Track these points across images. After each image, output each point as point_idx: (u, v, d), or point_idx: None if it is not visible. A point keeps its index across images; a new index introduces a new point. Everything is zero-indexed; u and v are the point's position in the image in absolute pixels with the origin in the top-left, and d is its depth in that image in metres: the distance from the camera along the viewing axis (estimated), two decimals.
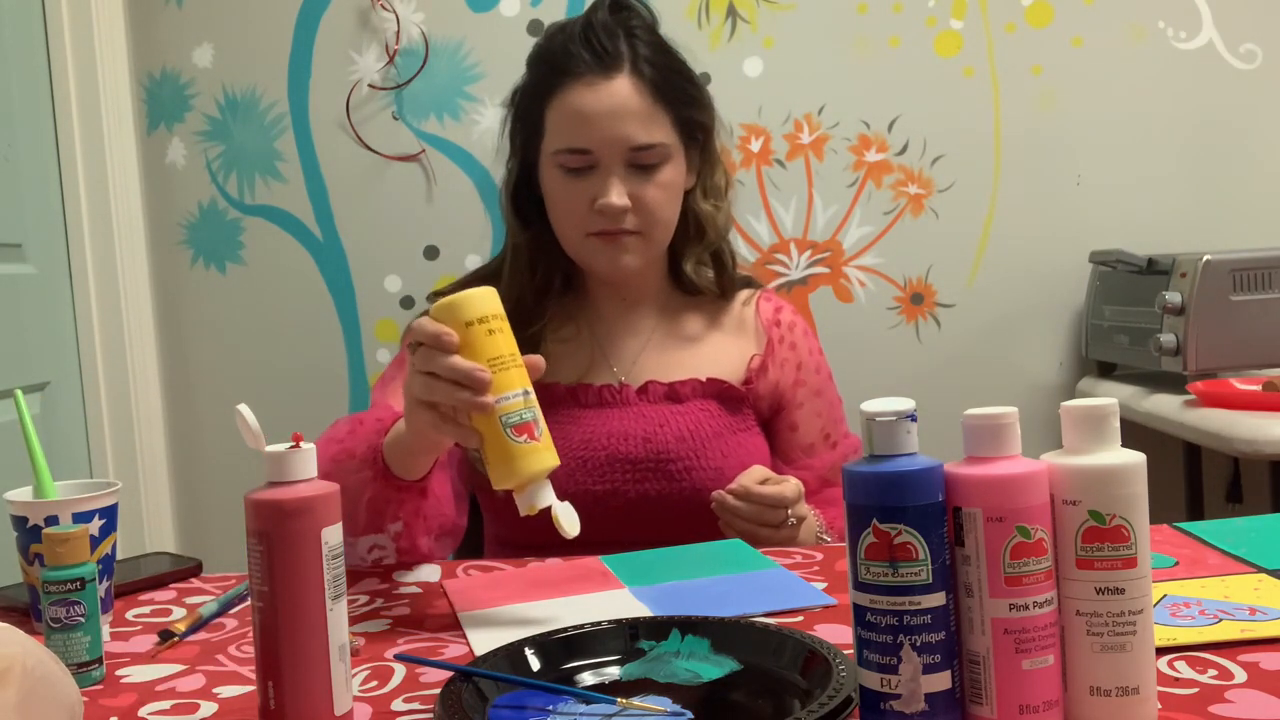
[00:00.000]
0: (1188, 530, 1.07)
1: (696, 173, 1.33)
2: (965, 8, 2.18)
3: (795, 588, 0.97)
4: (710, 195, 1.34)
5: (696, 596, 0.96)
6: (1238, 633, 0.78)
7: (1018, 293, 2.22)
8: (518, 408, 0.90)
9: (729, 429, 1.29)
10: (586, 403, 1.28)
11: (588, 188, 1.24)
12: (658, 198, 1.25)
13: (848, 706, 0.65)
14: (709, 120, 1.32)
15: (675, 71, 1.28)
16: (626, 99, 1.22)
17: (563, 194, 1.26)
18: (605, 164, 1.23)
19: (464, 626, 0.91)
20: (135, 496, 2.15)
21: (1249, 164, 2.22)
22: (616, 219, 1.24)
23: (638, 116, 1.23)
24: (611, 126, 1.22)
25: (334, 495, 0.71)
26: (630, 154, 1.23)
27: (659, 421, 1.27)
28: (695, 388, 1.30)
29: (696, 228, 1.34)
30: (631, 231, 1.25)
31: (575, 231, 1.27)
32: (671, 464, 1.24)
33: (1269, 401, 1.66)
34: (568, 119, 1.24)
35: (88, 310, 2.11)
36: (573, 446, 1.24)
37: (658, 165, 1.25)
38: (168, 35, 2.22)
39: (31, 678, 0.60)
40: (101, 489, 0.94)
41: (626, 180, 1.24)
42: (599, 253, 1.27)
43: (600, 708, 0.71)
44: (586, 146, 1.23)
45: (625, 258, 1.26)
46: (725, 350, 1.36)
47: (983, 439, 0.64)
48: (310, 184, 2.22)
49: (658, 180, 1.25)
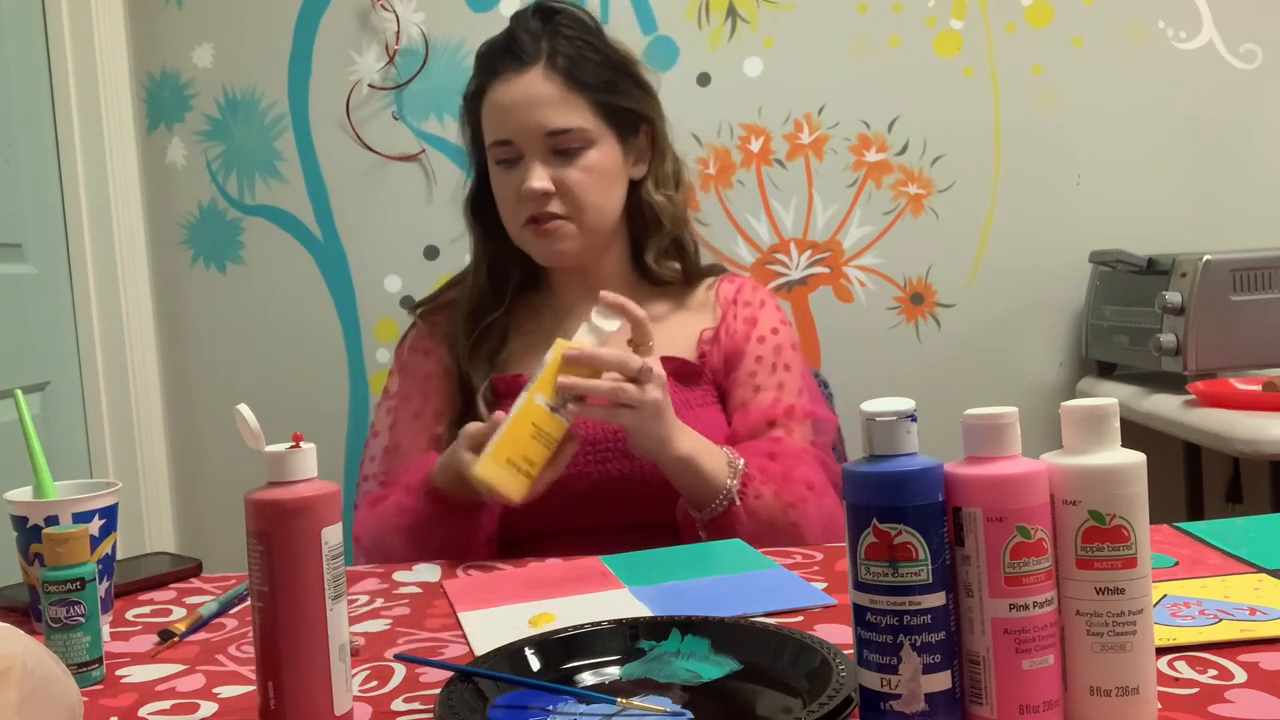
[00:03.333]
0: (1188, 530, 1.07)
1: (647, 164, 1.38)
2: (965, 8, 2.18)
3: (795, 588, 0.97)
4: (662, 185, 1.39)
5: (696, 597, 0.96)
6: (1238, 633, 0.78)
7: (1018, 293, 2.22)
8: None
9: (685, 404, 1.31)
10: None
11: (516, 178, 1.31)
12: (581, 181, 1.30)
13: (848, 706, 0.65)
14: (648, 110, 1.37)
15: (596, 62, 1.33)
16: (538, 88, 1.29)
17: (499, 187, 1.34)
18: (527, 152, 1.30)
19: (464, 627, 0.91)
20: (135, 496, 2.15)
21: (1249, 164, 2.21)
22: (539, 203, 1.29)
23: (550, 103, 1.29)
24: (526, 115, 1.29)
25: (334, 495, 0.71)
26: (548, 140, 1.29)
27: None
28: None
29: (653, 218, 1.38)
30: (561, 217, 1.31)
31: (514, 223, 1.34)
32: (629, 442, 1.25)
33: (1269, 401, 1.66)
34: (492, 115, 1.33)
35: (88, 310, 2.11)
36: None
37: (579, 150, 1.30)
38: (168, 35, 2.22)
39: (32, 678, 0.60)
40: (101, 489, 0.94)
41: (549, 166, 1.30)
42: (534, 242, 1.33)
43: (600, 708, 0.71)
44: (507, 137, 1.31)
45: (558, 245, 1.32)
46: (683, 329, 1.39)
47: (983, 439, 0.64)
48: (310, 184, 2.22)
49: (580, 164, 1.30)
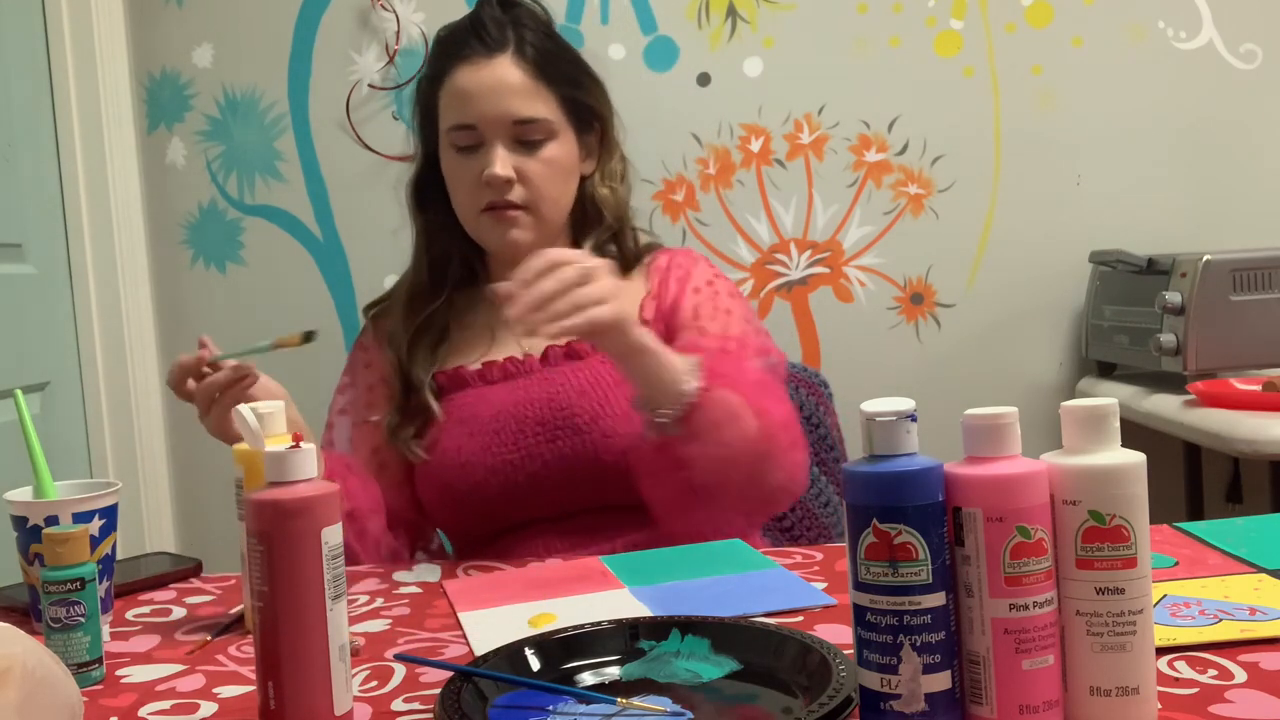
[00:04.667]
0: (1188, 530, 1.07)
1: (596, 160, 1.38)
2: (965, 8, 2.18)
3: (795, 588, 0.97)
4: (607, 179, 1.39)
5: (696, 597, 0.96)
6: (1238, 633, 0.78)
7: (1018, 293, 2.22)
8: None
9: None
10: (493, 379, 1.31)
11: (476, 163, 1.29)
12: (542, 173, 1.30)
13: (848, 706, 0.65)
14: (602, 108, 1.37)
15: (560, 57, 1.33)
16: (508, 75, 1.28)
17: (455, 172, 1.32)
18: (490, 138, 1.28)
19: (464, 626, 0.91)
20: (135, 496, 2.15)
21: (1249, 164, 2.21)
22: (501, 190, 1.28)
23: (519, 92, 1.28)
24: (494, 102, 1.28)
25: (334, 495, 0.71)
26: (513, 128, 1.28)
27: (560, 382, 1.29)
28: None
29: (594, 211, 1.38)
30: (519, 206, 1.29)
31: (470, 209, 1.32)
32: (577, 417, 1.26)
33: (1269, 401, 1.66)
34: (455, 98, 1.30)
35: (88, 310, 2.11)
36: (484, 422, 1.27)
37: (542, 141, 1.30)
38: (168, 35, 2.22)
39: (32, 678, 0.60)
40: (101, 489, 0.94)
41: (511, 153, 1.28)
42: (491, 229, 1.31)
43: (600, 708, 0.71)
44: (471, 122, 1.28)
45: (514, 232, 1.30)
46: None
47: (983, 439, 0.64)
48: (310, 184, 2.22)
49: (542, 156, 1.30)
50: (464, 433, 1.27)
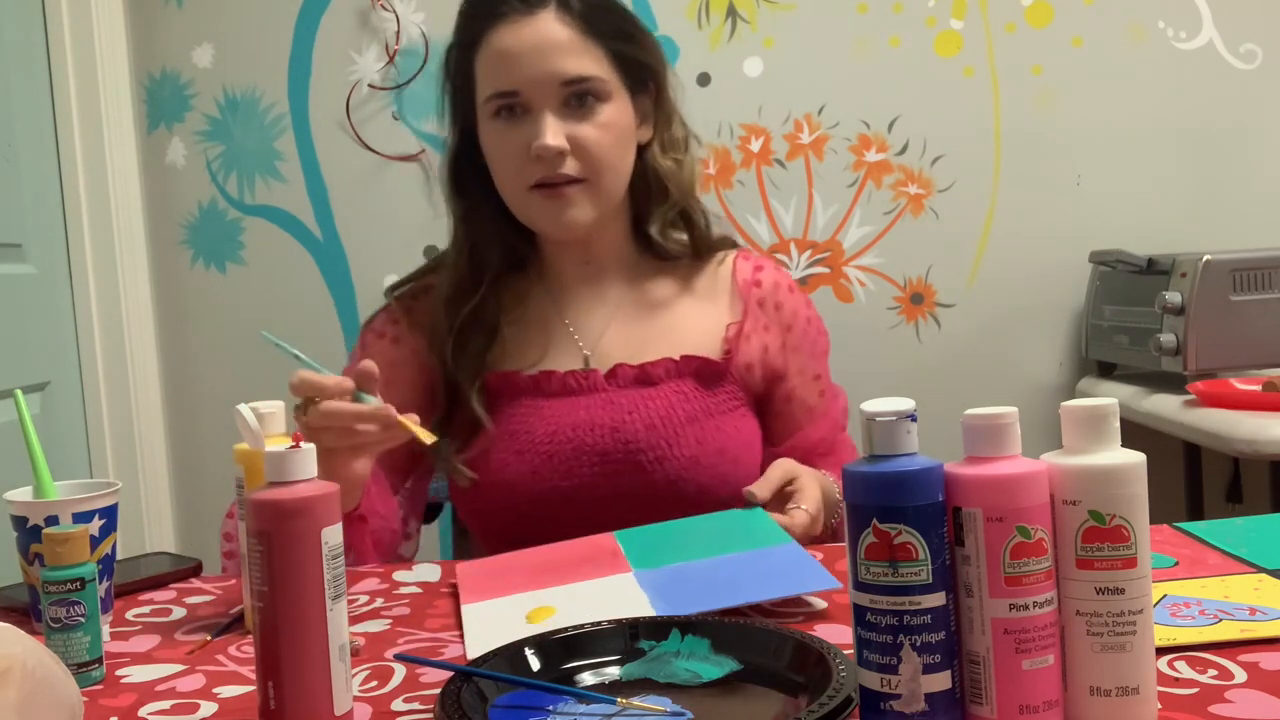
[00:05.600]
0: (1188, 530, 1.07)
1: (653, 125, 1.25)
2: (965, 8, 2.18)
3: (801, 570, 0.93)
4: (669, 149, 1.25)
5: (701, 581, 0.92)
6: (1238, 633, 0.77)
7: (1018, 293, 2.22)
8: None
9: (705, 412, 1.20)
10: (551, 391, 1.20)
11: (522, 135, 1.15)
12: (598, 138, 1.16)
13: (848, 706, 0.65)
14: (657, 65, 1.24)
15: (609, 7, 1.20)
16: (552, 32, 1.15)
17: (499, 146, 1.18)
18: (537, 105, 1.15)
19: (464, 620, 0.91)
20: (135, 496, 2.15)
21: (1249, 164, 2.22)
22: (553, 164, 1.15)
23: (566, 49, 1.15)
24: (538, 63, 1.14)
25: (334, 495, 0.71)
26: (562, 90, 1.15)
27: (628, 408, 1.19)
28: (669, 368, 1.22)
29: (659, 186, 1.25)
30: (575, 179, 1.16)
31: (517, 187, 1.18)
32: (641, 454, 1.17)
33: (1269, 401, 1.66)
34: (494, 62, 1.17)
35: (88, 310, 2.11)
36: (537, 441, 1.17)
37: (595, 103, 1.16)
38: (168, 35, 2.22)
39: (32, 678, 0.60)
40: (101, 489, 0.94)
41: (562, 120, 1.15)
42: (543, 209, 1.18)
43: (600, 708, 0.71)
44: (514, 87, 1.15)
45: (571, 211, 1.17)
46: (699, 320, 1.26)
47: (983, 439, 0.64)
48: (310, 184, 2.22)
49: (597, 120, 1.16)
50: (513, 449, 1.17)
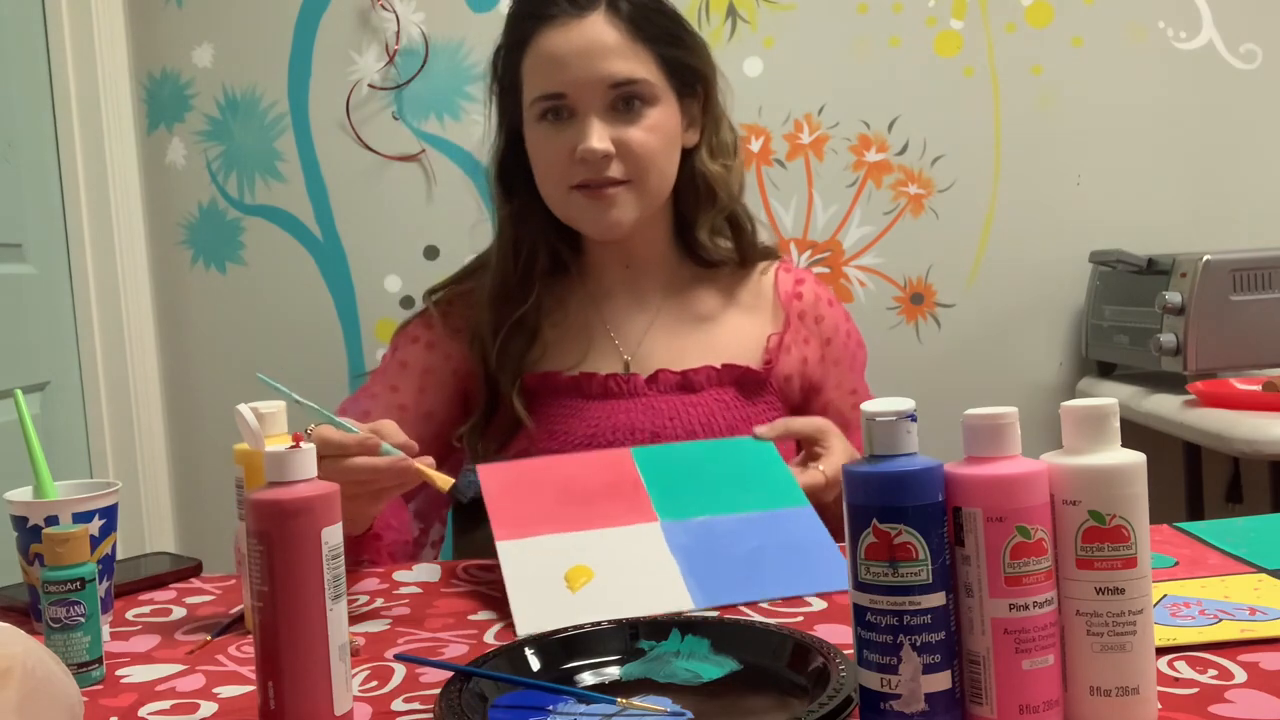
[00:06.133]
0: (1188, 530, 1.07)
1: (700, 129, 1.25)
2: (965, 8, 2.18)
3: (829, 563, 0.96)
4: (719, 154, 1.25)
5: (726, 560, 0.96)
6: (1238, 633, 0.78)
7: (1018, 293, 2.22)
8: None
9: (745, 421, 1.21)
10: (591, 393, 1.21)
11: (568, 137, 1.16)
12: (644, 141, 1.16)
13: (848, 706, 0.65)
14: (705, 69, 1.24)
15: (658, 10, 1.20)
16: (600, 34, 1.15)
17: (543, 148, 1.19)
18: (583, 108, 1.16)
19: (501, 561, 0.95)
20: (135, 496, 2.15)
21: (1249, 164, 2.22)
22: (599, 167, 1.15)
23: (614, 52, 1.15)
24: (585, 65, 1.15)
25: (334, 495, 0.71)
26: (609, 93, 1.15)
27: (669, 414, 1.20)
28: (710, 375, 1.23)
29: (706, 191, 1.25)
30: (619, 181, 1.17)
31: (558, 188, 1.19)
32: None
33: (1269, 401, 1.66)
34: (541, 64, 1.17)
35: (88, 310, 2.11)
36: (576, 441, 1.18)
37: (642, 106, 1.17)
38: (168, 35, 2.22)
39: (32, 678, 0.60)
40: (101, 489, 0.94)
41: (608, 124, 1.16)
42: (585, 210, 1.18)
43: (600, 708, 0.71)
44: (560, 90, 1.16)
45: (614, 213, 1.17)
46: (741, 329, 1.27)
47: (983, 439, 0.64)
48: (310, 184, 2.22)
49: (644, 123, 1.16)
50: (551, 448, 1.18)
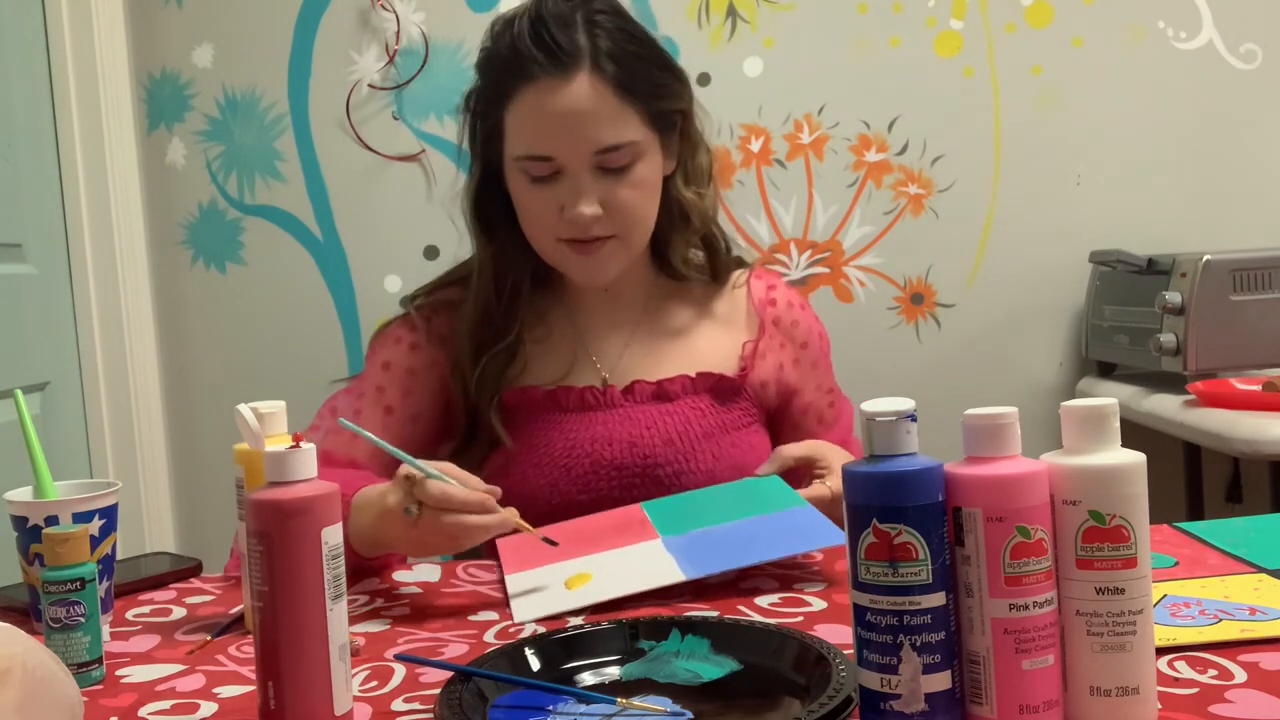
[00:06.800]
0: (1188, 530, 1.07)
1: (676, 158, 1.24)
2: (965, 8, 2.18)
3: (816, 527, 0.99)
4: (693, 181, 1.25)
5: (722, 543, 0.99)
6: (1238, 633, 0.78)
7: (1018, 293, 2.22)
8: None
9: (721, 428, 1.23)
10: (568, 406, 1.22)
11: (555, 195, 1.15)
12: (632, 199, 1.16)
13: (848, 706, 0.65)
14: (685, 105, 1.23)
15: (643, 60, 1.17)
16: (588, 100, 1.12)
17: (530, 202, 1.18)
18: (572, 171, 1.14)
19: (508, 589, 0.99)
20: (135, 496, 2.15)
21: (1249, 164, 2.22)
22: (587, 227, 1.16)
23: (603, 117, 1.13)
24: (574, 131, 1.13)
25: (334, 495, 0.71)
26: (597, 157, 1.14)
27: (645, 423, 1.21)
28: (685, 384, 1.24)
29: (681, 215, 1.25)
30: (608, 237, 1.17)
31: (546, 238, 1.19)
32: (659, 469, 1.19)
33: (1269, 401, 1.66)
34: (527, 124, 1.14)
35: (88, 310, 2.11)
36: (555, 454, 1.19)
37: (629, 165, 1.15)
38: (168, 35, 2.22)
39: (33, 678, 0.60)
40: (101, 489, 0.94)
41: (596, 185, 1.15)
42: (574, 262, 1.20)
43: (600, 708, 0.71)
44: (548, 154, 1.14)
45: (602, 266, 1.19)
46: (716, 340, 1.29)
47: (983, 439, 0.64)
48: (310, 184, 2.22)
49: (631, 180, 1.16)
50: (530, 462, 1.19)
